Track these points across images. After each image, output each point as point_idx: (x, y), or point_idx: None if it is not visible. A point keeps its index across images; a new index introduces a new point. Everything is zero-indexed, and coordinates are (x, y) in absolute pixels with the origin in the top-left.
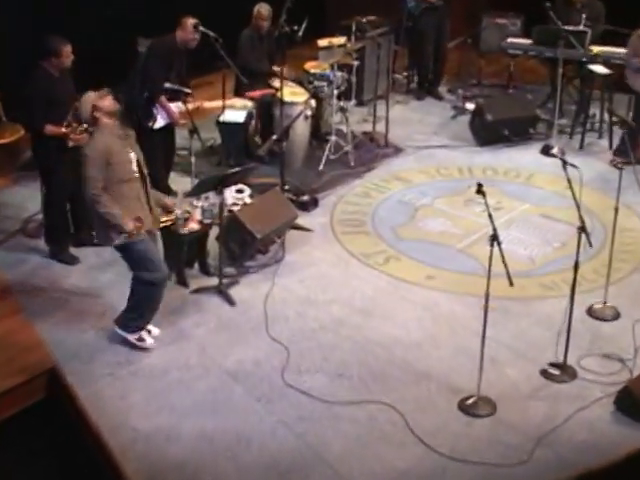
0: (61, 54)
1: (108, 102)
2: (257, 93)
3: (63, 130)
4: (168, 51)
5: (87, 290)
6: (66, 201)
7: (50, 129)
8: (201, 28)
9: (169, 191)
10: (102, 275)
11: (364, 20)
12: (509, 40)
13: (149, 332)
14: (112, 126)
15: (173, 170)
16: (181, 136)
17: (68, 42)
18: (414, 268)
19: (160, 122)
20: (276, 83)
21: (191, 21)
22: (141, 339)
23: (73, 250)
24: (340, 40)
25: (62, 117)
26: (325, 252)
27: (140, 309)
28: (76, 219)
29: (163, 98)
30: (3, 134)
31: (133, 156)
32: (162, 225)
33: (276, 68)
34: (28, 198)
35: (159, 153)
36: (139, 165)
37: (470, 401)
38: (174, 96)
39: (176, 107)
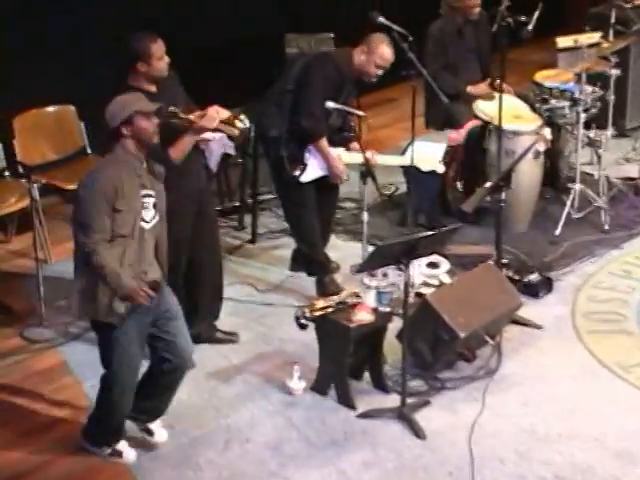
0: (150, 56)
1: (149, 122)
2: (462, 132)
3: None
4: (338, 76)
5: (202, 413)
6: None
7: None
8: (381, 19)
9: (328, 266)
10: (224, 387)
11: (629, 5)
12: None
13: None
14: (135, 156)
15: (333, 232)
16: (347, 181)
17: (157, 37)
18: None
19: (311, 174)
20: (485, 105)
21: (385, 47)
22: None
23: None
24: (591, 37)
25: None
26: (562, 360)
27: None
28: None
29: (324, 141)
30: (87, 170)
31: (151, 202)
32: (317, 313)
33: (471, 89)
34: None
35: (309, 214)
36: (156, 214)
37: None
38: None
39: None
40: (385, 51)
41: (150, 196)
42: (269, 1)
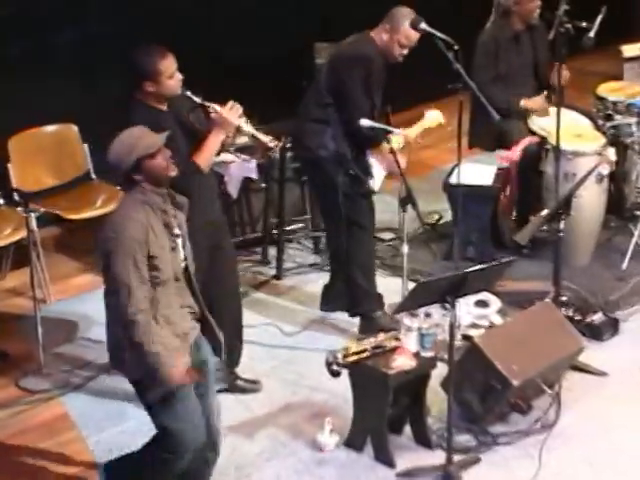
0: (159, 73)
1: (159, 160)
2: (517, 150)
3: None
4: (369, 67)
5: (222, 472)
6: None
7: None
8: (424, 26)
9: (382, 299)
10: (248, 443)
11: None
12: None
13: None
14: (157, 193)
15: None
16: (383, 207)
17: (168, 52)
18: None
19: (378, 178)
20: (542, 121)
21: (410, 17)
22: None
23: None
24: None
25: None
26: (632, 412)
27: None
28: None
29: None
30: (92, 198)
31: (179, 242)
32: (351, 358)
33: (525, 102)
34: None
35: (371, 238)
36: (186, 254)
37: None
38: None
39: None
40: (408, 19)
41: (178, 236)
42: (295, 12)
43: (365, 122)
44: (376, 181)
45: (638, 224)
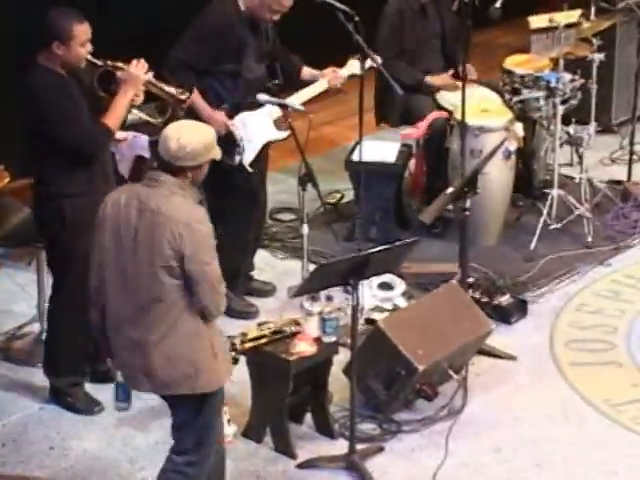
0: (71, 37)
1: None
2: (423, 125)
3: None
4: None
5: (113, 465)
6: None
7: None
8: None
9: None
10: (141, 435)
11: None
12: None
13: None
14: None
15: (264, 248)
16: (282, 187)
17: (85, 20)
18: None
19: (251, 153)
20: (450, 95)
21: None
22: None
23: (91, 388)
24: (569, 16)
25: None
26: (540, 398)
27: None
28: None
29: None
30: None
31: None
32: (249, 345)
33: (430, 79)
34: (17, 293)
35: (243, 219)
36: None
37: None
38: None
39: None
40: None
41: None
42: None
43: (262, 97)
44: (248, 155)
45: (547, 202)
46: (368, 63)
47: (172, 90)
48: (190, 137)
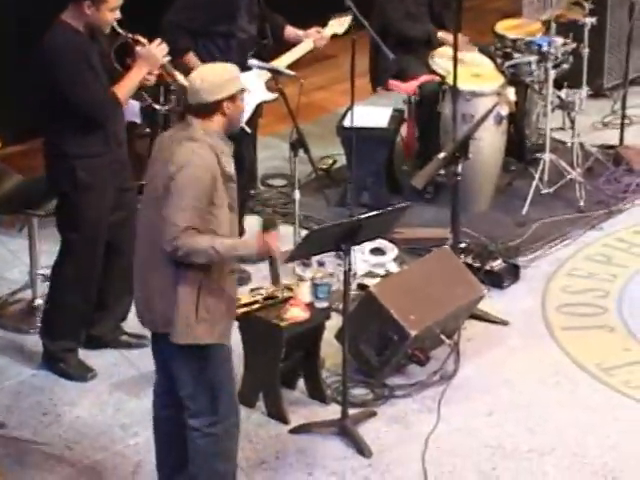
0: (103, 2)
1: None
2: (413, 83)
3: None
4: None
5: (105, 431)
6: (98, 265)
7: None
8: None
9: None
10: (134, 402)
11: None
12: None
13: None
14: (222, 137)
15: (256, 213)
16: (274, 152)
17: None
18: None
19: (246, 113)
20: (442, 61)
21: None
22: None
23: (84, 354)
24: None
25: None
26: (532, 362)
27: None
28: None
29: None
30: None
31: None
32: (240, 310)
33: (443, 34)
34: (10, 260)
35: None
36: None
37: None
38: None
39: None
40: None
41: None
42: None
43: (253, 62)
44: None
45: (538, 167)
46: (346, 21)
47: (184, 81)
48: (212, 71)
